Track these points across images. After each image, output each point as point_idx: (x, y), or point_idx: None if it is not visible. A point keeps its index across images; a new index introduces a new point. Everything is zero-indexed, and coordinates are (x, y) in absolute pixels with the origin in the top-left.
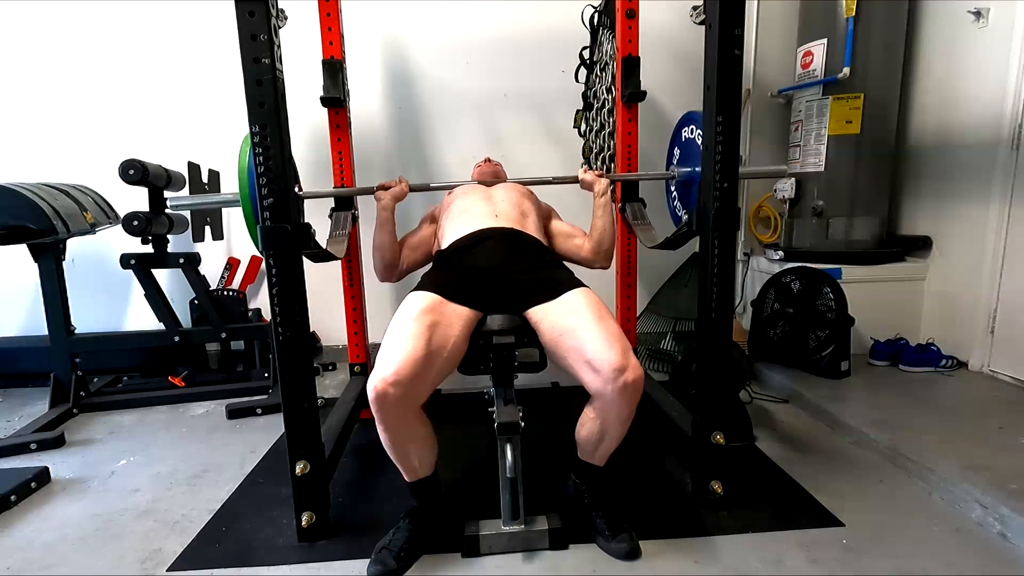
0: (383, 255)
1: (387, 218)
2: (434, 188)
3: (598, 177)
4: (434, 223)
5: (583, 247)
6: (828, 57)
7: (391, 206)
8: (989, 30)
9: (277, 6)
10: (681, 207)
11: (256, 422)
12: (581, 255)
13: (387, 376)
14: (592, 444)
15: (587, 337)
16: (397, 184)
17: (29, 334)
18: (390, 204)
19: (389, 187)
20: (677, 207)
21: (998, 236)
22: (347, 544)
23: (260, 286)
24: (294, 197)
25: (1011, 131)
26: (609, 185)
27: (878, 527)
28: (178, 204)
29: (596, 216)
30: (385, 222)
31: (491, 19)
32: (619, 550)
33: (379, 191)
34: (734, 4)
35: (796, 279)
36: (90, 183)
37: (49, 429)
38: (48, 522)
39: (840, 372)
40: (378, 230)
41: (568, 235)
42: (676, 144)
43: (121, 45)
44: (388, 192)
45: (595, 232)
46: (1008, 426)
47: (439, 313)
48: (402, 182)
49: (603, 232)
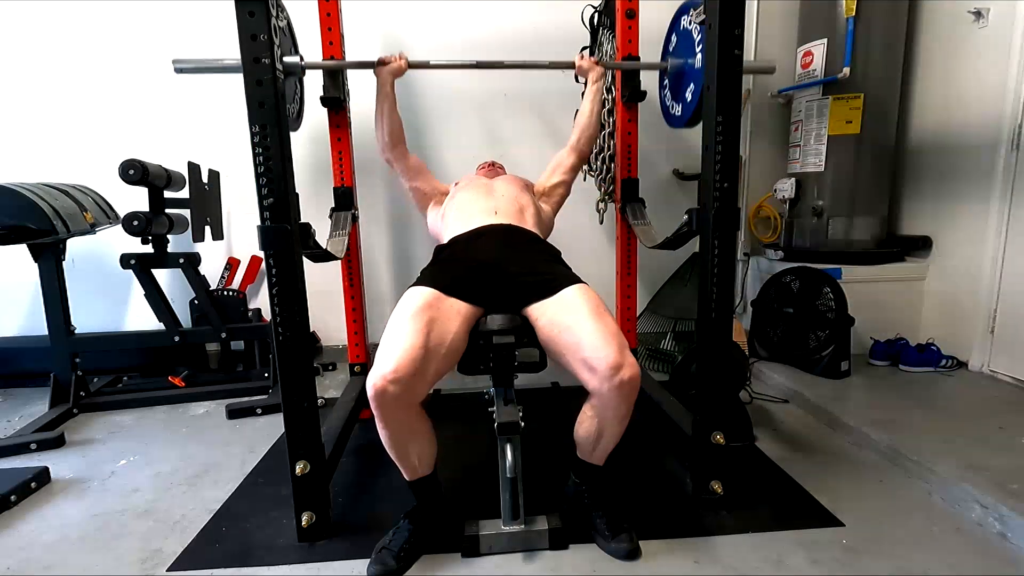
0: (385, 125)
1: (386, 92)
2: (434, 66)
3: (594, 64)
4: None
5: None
6: (828, 57)
7: (389, 80)
8: (989, 30)
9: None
10: (671, 98)
11: (256, 422)
12: (569, 160)
13: (386, 373)
14: (591, 443)
15: (584, 334)
16: (396, 60)
17: (29, 334)
18: (388, 79)
19: (388, 62)
20: (667, 96)
21: (998, 236)
22: (347, 544)
23: (260, 286)
24: (294, 197)
25: (1011, 131)
26: (603, 73)
27: (878, 527)
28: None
29: (586, 100)
30: (386, 95)
31: (491, 19)
32: (619, 550)
33: (379, 66)
34: (734, 4)
35: (796, 279)
36: (90, 183)
37: (49, 429)
38: (48, 522)
39: (840, 372)
40: (379, 103)
41: (553, 167)
42: (674, 32)
43: (121, 45)
44: (387, 67)
45: (582, 115)
46: (1008, 426)
47: (437, 309)
48: (402, 58)
49: (591, 115)
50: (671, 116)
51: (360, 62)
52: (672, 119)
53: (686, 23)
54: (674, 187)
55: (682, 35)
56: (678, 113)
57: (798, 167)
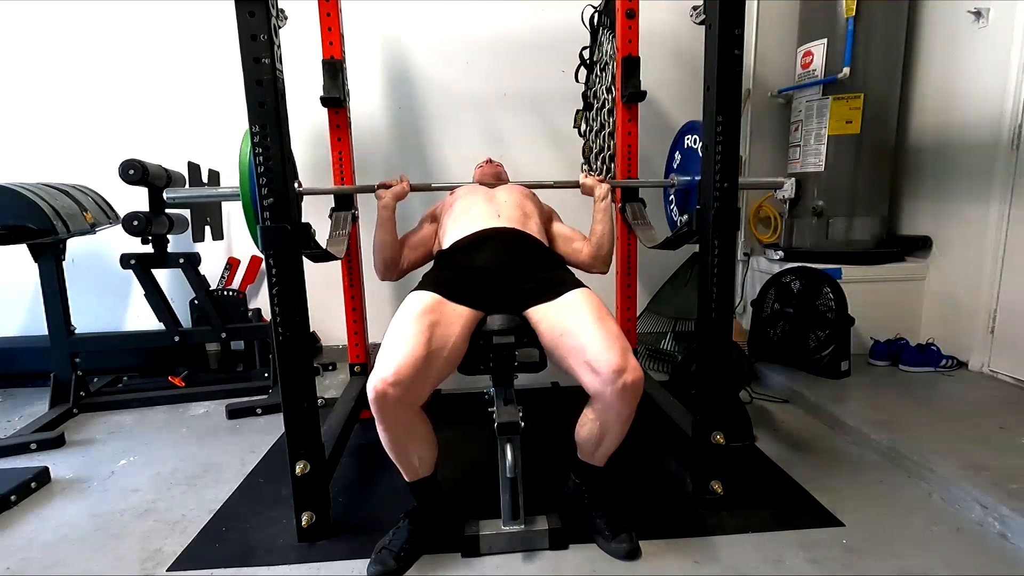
0: (384, 254)
1: (388, 217)
2: (435, 188)
3: (599, 182)
4: (435, 222)
5: (582, 251)
6: (828, 57)
7: (392, 205)
8: (989, 30)
9: (277, 6)
10: (679, 214)
11: (256, 422)
12: (580, 259)
13: (387, 376)
14: (592, 445)
15: (587, 338)
16: (398, 183)
17: (29, 334)
18: (391, 203)
19: (390, 186)
20: (674, 212)
21: (998, 236)
22: (347, 544)
23: (260, 286)
24: (294, 197)
25: (1011, 131)
26: (609, 190)
27: (878, 527)
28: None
29: (596, 221)
30: (386, 221)
31: (491, 19)
32: (619, 550)
33: (380, 190)
34: (734, 4)
35: (796, 279)
36: (90, 183)
37: (49, 429)
38: (48, 522)
39: (840, 372)
40: (379, 229)
41: (568, 239)
42: (678, 150)
43: (121, 45)
44: (389, 191)
45: (594, 237)
46: (1008, 426)
47: (439, 313)
48: (403, 181)
49: (602, 237)
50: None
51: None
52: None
53: (690, 142)
54: None
55: (685, 153)
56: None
57: (798, 167)
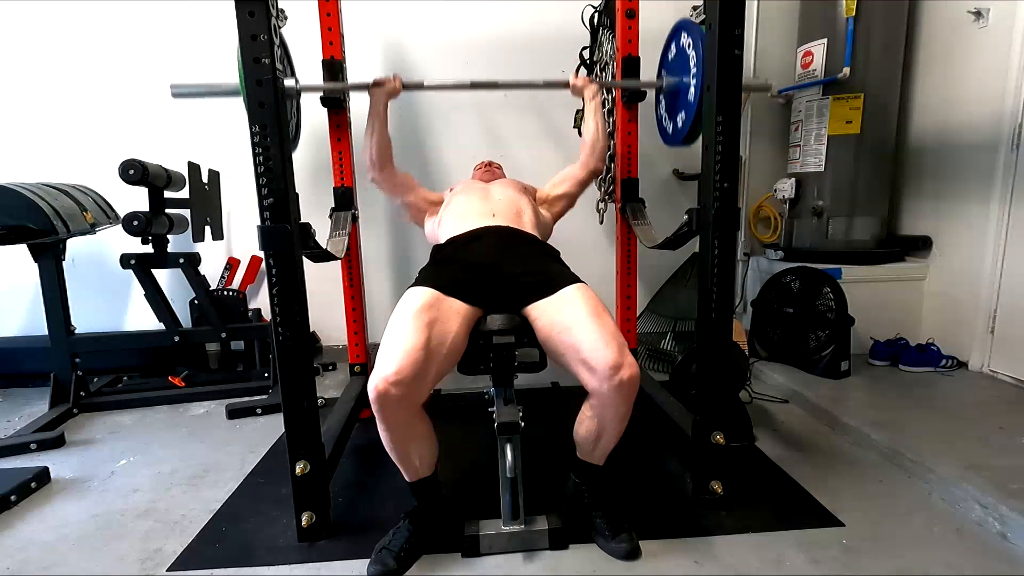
0: (371, 146)
1: (378, 112)
2: (427, 88)
3: (589, 82)
4: (434, 205)
5: (577, 167)
6: (828, 57)
7: (383, 101)
8: (989, 30)
9: (277, 6)
10: (667, 117)
11: (256, 422)
12: (580, 174)
13: (388, 375)
14: (590, 442)
15: (583, 335)
16: (391, 81)
17: (29, 334)
18: (383, 99)
19: (383, 83)
20: (664, 117)
21: (998, 236)
22: (347, 544)
23: (260, 286)
24: (294, 197)
25: (1011, 131)
26: (600, 89)
27: (878, 527)
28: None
29: (589, 117)
30: (376, 115)
31: (491, 19)
32: (619, 550)
33: (374, 87)
34: (734, 4)
35: (796, 279)
36: (90, 183)
37: (49, 429)
38: (48, 522)
39: (840, 372)
40: (369, 118)
41: (562, 178)
42: (668, 52)
43: (121, 45)
44: (382, 88)
45: (588, 133)
46: (1008, 426)
47: (437, 310)
48: (396, 79)
49: (597, 131)
50: (667, 134)
51: (356, 84)
52: (668, 137)
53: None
54: (674, 187)
55: (679, 52)
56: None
57: (798, 167)
